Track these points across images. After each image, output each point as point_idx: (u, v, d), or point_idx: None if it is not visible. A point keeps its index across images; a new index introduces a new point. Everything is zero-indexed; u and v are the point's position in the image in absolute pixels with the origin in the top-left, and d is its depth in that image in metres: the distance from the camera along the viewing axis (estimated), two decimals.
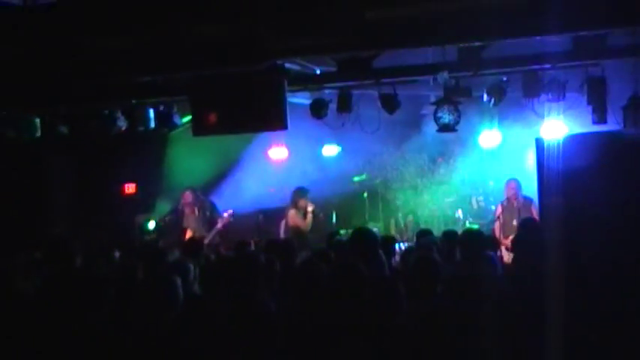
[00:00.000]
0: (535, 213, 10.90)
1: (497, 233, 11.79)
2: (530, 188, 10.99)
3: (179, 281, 6.06)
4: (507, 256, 10.31)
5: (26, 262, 7.87)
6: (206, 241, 11.71)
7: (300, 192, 12.73)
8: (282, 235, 12.55)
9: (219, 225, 12.71)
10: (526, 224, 8.32)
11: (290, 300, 6.25)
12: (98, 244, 9.46)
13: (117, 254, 8.95)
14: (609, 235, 5.82)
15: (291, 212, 12.62)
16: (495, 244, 8.97)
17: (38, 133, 11.53)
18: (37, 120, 11.52)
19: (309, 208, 12.55)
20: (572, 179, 5.88)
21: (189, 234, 12.66)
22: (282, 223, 12.86)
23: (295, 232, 12.27)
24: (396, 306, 5.82)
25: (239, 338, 5.49)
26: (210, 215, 13.03)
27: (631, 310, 5.52)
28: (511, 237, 11.24)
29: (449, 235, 8.52)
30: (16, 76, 10.29)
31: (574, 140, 6.53)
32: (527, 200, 11.63)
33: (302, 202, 12.58)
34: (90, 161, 13.86)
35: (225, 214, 12.87)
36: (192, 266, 6.93)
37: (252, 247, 9.80)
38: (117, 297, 6.47)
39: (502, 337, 5.76)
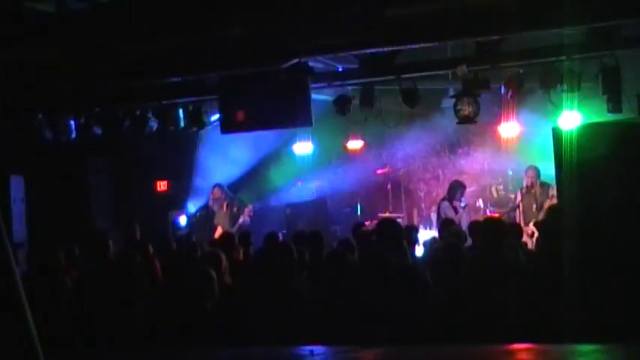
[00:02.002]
0: (553, 196, 11.04)
1: (518, 220, 11.89)
2: (549, 177, 11.18)
3: (214, 273, 6.29)
4: (530, 243, 10.45)
5: (66, 257, 8.19)
6: None
7: (457, 187, 12.93)
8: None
9: (241, 220, 13.01)
10: (551, 210, 8.44)
11: (320, 287, 6.53)
12: (133, 239, 9.72)
13: (151, 249, 9.24)
14: (624, 222, 5.99)
15: (444, 204, 12.85)
16: (518, 231, 9.05)
17: (73, 135, 11.88)
18: (72, 122, 11.85)
19: (462, 204, 12.78)
20: (589, 167, 6.02)
21: (219, 230, 12.94)
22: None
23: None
24: (421, 292, 6.08)
25: (275, 324, 5.83)
26: (237, 211, 13.32)
27: None
28: (532, 223, 11.51)
29: (472, 225, 8.70)
30: (50, 80, 10.58)
31: (590, 129, 6.70)
32: (545, 185, 11.78)
33: (457, 197, 12.81)
34: (124, 160, 14.21)
35: (246, 210, 13.18)
36: (224, 257, 7.08)
37: (281, 238, 10.05)
38: (153, 289, 6.79)
39: (524, 320, 6.01)
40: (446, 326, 5.79)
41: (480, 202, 14.06)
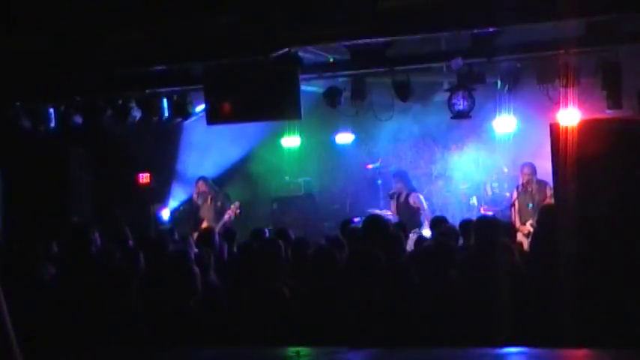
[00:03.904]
0: (550, 196, 10.83)
1: (513, 219, 11.64)
2: (545, 175, 10.97)
3: (197, 270, 6.26)
4: (526, 243, 10.26)
5: (44, 251, 8.02)
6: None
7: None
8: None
9: (226, 217, 12.79)
10: (544, 210, 8.30)
11: (304, 285, 6.38)
12: (114, 233, 9.53)
13: (130, 243, 9.04)
14: (622, 219, 5.88)
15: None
16: (512, 231, 8.87)
17: (53, 124, 11.61)
18: (51, 110, 11.59)
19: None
20: (587, 164, 5.93)
21: (204, 224, 12.75)
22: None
23: None
24: (408, 289, 5.88)
25: (256, 322, 5.81)
26: (221, 206, 13.13)
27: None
28: (529, 222, 11.29)
29: (464, 223, 8.51)
30: (30, 68, 10.43)
31: (589, 126, 6.57)
32: (542, 183, 11.57)
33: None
34: (105, 151, 13.98)
35: (233, 206, 12.96)
36: (192, 255, 6.95)
37: (267, 235, 9.88)
38: (132, 285, 6.62)
39: (514, 320, 5.83)
40: (435, 327, 5.69)
41: (474, 200, 13.86)
